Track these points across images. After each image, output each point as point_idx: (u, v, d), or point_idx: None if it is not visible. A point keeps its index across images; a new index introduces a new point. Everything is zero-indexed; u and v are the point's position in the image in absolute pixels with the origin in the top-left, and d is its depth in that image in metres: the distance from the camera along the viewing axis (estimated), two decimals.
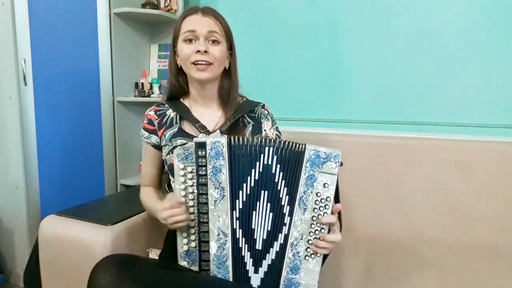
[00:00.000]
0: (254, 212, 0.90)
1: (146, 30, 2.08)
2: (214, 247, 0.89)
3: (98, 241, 1.10)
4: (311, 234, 0.88)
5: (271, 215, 0.89)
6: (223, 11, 1.10)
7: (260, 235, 0.90)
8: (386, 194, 1.52)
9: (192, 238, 0.91)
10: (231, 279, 0.90)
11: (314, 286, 0.89)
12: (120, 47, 1.91)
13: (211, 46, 1.04)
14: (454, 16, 1.57)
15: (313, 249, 0.88)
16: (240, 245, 0.90)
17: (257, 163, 0.89)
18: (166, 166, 1.09)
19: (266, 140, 0.89)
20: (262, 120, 1.15)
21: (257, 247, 0.90)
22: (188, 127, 1.10)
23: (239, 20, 1.90)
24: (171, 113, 1.12)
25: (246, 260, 0.91)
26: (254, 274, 0.91)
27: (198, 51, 1.01)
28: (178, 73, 1.12)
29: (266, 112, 1.17)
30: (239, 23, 1.84)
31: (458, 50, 1.58)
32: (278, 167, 0.89)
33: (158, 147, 1.12)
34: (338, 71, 1.78)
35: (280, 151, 0.89)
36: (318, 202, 0.87)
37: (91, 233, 1.12)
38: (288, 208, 0.89)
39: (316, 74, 1.82)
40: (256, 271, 0.91)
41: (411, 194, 1.49)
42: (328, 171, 0.87)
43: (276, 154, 0.89)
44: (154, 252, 1.16)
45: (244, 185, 0.89)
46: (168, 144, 1.08)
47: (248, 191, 0.89)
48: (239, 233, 0.90)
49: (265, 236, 0.90)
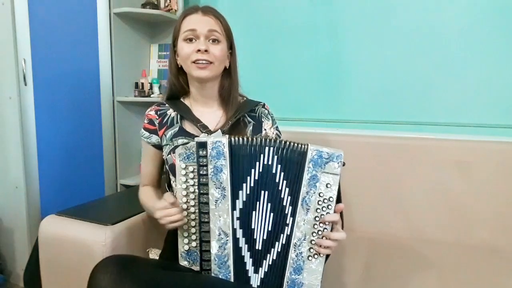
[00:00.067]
0: (254, 212, 0.90)
1: (146, 30, 2.08)
2: (215, 247, 0.89)
3: (98, 241, 1.10)
4: (314, 235, 0.88)
5: (272, 215, 0.89)
6: (223, 11, 1.10)
7: (260, 235, 0.90)
8: (386, 194, 1.52)
9: (193, 237, 0.91)
10: (233, 279, 0.90)
11: (317, 286, 0.89)
12: (120, 47, 1.91)
13: (212, 45, 1.04)
14: (454, 16, 1.57)
15: (316, 249, 0.88)
16: (240, 245, 0.90)
17: (256, 163, 0.89)
18: (167, 166, 1.09)
19: (267, 140, 0.89)
20: (263, 120, 1.15)
21: (257, 247, 0.90)
22: (189, 127, 1.10)
23: (239, 20, 1.90)
24: (171, 112, 1.12)
25: (246, 260, 0.91)
26: (254, 274, 0.91)
27: (199, 50, 1.01)
28: (178, 72, 1.12)
29: (266, 111, 1.17)
30: (239, 23, 1.84)
31: (458, 50, 1.58)
32: (279, 167, 0.88)
33: (159, 147, 1.12)
34: (338, 71, 1.78)
35: (281, 151, 0.88)
36: (321, 203, 0.87)
37: (91, 233, 1.12)
38: (291, 209, 0.89)
39: (316, 74, 1.82)
40: (256, 271, 0.91)
41: (411, 194, 1.49)
42: (330, 171, 0.87)
43: (276, 154, 0.88)
44: (154, 252, 1.16)
45: (244, 185, 0.89)
46: (169, 143, 1.08)
47: (248, 191, 0.89)
48: (239, 233, 0.90)
49: (265, 237, 0.90)
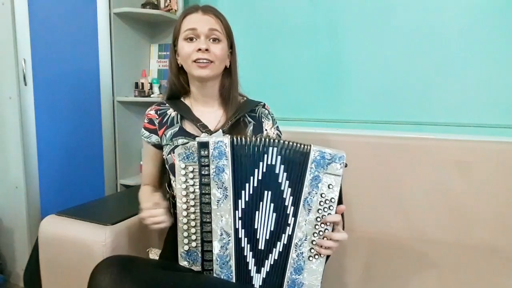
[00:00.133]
0: (257, 212, 0.89)
1: (146, 30, 2.08)
2: (217, 247, 0.89)
3: (98, 241, 1.10)
4: (315, 235, 0.88)
5: (274, 215, 0.89)
6: (223, 11, 1.09)
7: (263, 235, 0.90)
8: (386, 194, 1.52)
9: (193, 238, 0.91)
10: (235, 279, 0.90)
11: (317, 287, 0.90)
12: (120, 47, 1.91)
13: (212, 44, 1.03)
14: (454, 16, 1.57)
15: (317, 249, 0.88)
16: (242, 245, 0.90)
17: (260, 163, 0.89)
18: (167, 166, 1.09)
19: (270, 140, 0.89)
20: (263, 120, 1.15)
21: (259, 247, 0.90)
22: (189, 127, 1.10)
23: (239, 20, 1.90)
24: (171, 112, 1.12)
25: (248, 260, 0.91)
26: (256, 274, 0.91)
27: (199, 49, 1.01)
28: (178, 72, 1.12)
29: (266, 111, 1.17)
30: (239, 23, 1.84)
31: (458, 50, 1.58)
32: (282, 167, 0.88)
33: (159, 147, 1.12)
34: (338, 71, 1.78)
35: (284, 152, 0.88)
36: (323, 203, 0.87)
37: (91, 233, 1.12)
38: (292, 209, 0.89)
39: (316, 74, 1.82)
40: (258, 271, 0.91)
41: (411, 194, 1.49)
42: (333, 172, 0.87)
43: (280, 155, 0.88)
44: (154, 252, 1.16)
45: (247, 185, 0.89)
46: (169, 143, 1.08)
47: (251, 191, 0.89)
48: (241, 233, 0.90)
49: (267, 236, 0.90)
